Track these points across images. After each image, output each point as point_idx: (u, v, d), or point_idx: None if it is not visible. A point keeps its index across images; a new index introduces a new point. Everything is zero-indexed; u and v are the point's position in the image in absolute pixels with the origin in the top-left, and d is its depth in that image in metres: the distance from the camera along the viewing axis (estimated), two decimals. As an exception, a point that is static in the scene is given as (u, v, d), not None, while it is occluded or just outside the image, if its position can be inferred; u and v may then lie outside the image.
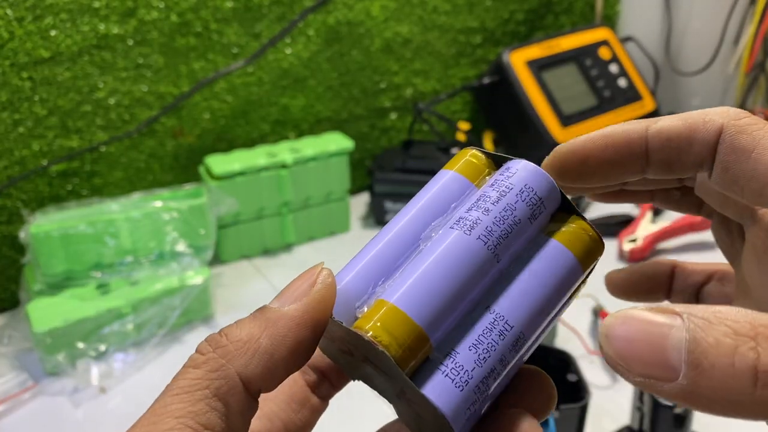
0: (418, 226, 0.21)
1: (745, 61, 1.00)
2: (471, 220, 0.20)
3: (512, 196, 0.20)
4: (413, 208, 0.21)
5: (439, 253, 0.20)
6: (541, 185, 0.21)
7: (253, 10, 0.74)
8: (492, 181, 0.21)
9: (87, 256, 0.61)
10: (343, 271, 0.21)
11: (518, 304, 0.20)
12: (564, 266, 0.20)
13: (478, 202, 0.20)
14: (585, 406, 0.44)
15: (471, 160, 0.22)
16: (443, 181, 0.22)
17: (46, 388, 0.57)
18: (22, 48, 0.63)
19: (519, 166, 0.21)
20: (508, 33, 0.95)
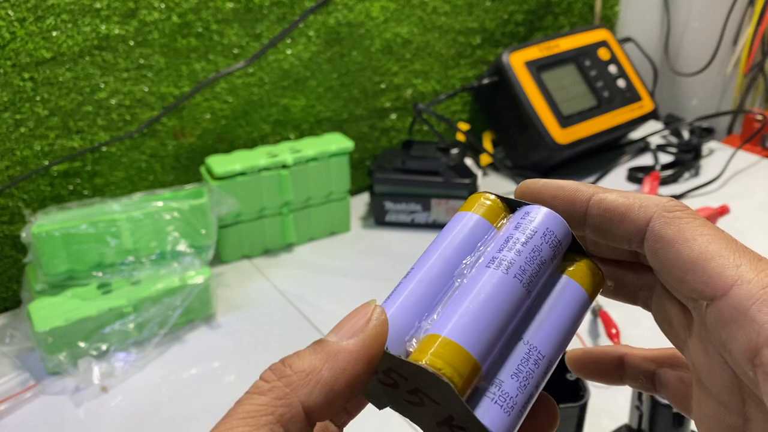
0: (451, 264, 0.23)
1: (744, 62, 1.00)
2: (506, 260, 0.22)
3: (538, 239, 0.23)
4: (441, 247, 0.23)
5: (483, 289, 0.21)
6: (559, 229, 0.23)
7: (254, 11, 0.74)
8: (515, 224, 0.23)
9: (88, 256, 0.61)
10: (387, 303, 0.22)
11: (547, 335, 0.22)
12: (579, 301, 0.23)
13: (508, 243, 0.23)
14: (584, 405, 0.44)
15: (489, 204, 0.24)
16: (467, 223, 0.24)
17: (47, 388, 0.57)
18: (23, 48, 0.63)
19: (538, 211, 0.23)
20: (508, 34, 0.95)
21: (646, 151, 0.95)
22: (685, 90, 1.08)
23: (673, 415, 0.44)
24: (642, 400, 0.45)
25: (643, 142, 0.95)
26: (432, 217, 0.79)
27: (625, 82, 0.93)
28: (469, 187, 0.77)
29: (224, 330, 0.64)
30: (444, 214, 0.79)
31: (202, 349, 0.62)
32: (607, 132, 0.89)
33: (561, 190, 0.24)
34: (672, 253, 0.21)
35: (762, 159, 0.93)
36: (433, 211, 0.79)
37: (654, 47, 1.08)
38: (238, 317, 0.66)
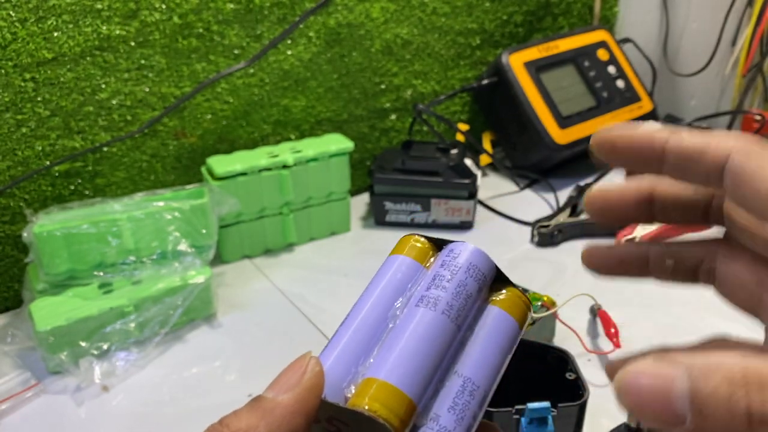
0: (383, 308, 0.24)
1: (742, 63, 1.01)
2: (433, 297, 0.23)
3: (462, 274, 0.24)
4: (375, 292, 0.24)
5: (413, 330, 0.22)
6: (482, 262, 0.24)
7: (255, 12, 0.74)
8: (441, 262, 0.24)
9: (90, 255, 0.61)
10: (323, 355, 0.23)
11: (480, 366, 0.23)
12: (508, 329, 0.24)
13: (434, 281, 0.24)
14: (583, 404, 0.44)
15: (417, 245, 0.26)
16: (397, 265, 0.25)
17: (48, 387, 0.57)
18: (24, 49, 0.63)
19: (462, 247, 0.25)
20: (507, 35, 0.96)
21: (645, 151, 0.95)
22: (683, 90, 1.09)
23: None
24: (641, 399, 0.46)
25: (642, 143, 0.96)
26: (432, 217, 0.79)
27: (624, 83, 0.93)
28: (468, 187, 0.77)
29: (225, 329, 0.64)
30: (444, 214, 0.79)
31: (203, 348, 0.62)
32: (606, 132, 0.89)
33: (635, 140, 0.23)
34: (753, 186, 0.20)
35: (760, 159, 0.93)
36: (433, 211, 0.79)
37: (653, 48, 1.08)
38: (238, 317, 0.66)
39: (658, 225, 0.74)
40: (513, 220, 0.81)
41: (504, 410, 0.43)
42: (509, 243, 0.77)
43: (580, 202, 0.81)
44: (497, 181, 0.91)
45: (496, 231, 0.79)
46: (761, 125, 0.95)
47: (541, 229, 0.76)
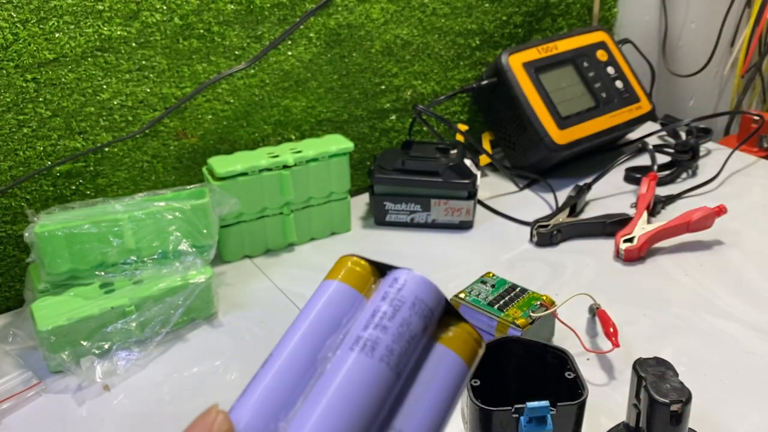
0: (312, 346, 0.20)
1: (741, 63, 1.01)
2: (371, 340, 0.19)
3: (406, 311, 0.20)
4: (303, 326, 0.21)
5: (343, 381, 0.19)
6: (430, 295, 0.21)
7: (255, 13, 0.75)
8: (382, 294, 0.21)
9: (91, 255, 0.61)
10: (238, 406, 0.19)
11: (422, 418, 0.19)
12: (456, 371, 0.21)
13: (373, 318, 0.20)
14: (582, 403, 0.45)
15: (355, 269, 0.22)
16: (331, 294, 0.21)
17: (50, 386, 0.58)
18: (26, 50, 0.63)
19: (407, 277, 0.21)
20: (507, 35, 0.96)
21: (643, 151, 0.96)
22: (682, 91, 1.09)
23: (671, 413, 0.44)
24: (640, 399, 0.46)
25: (641, 143, 0.96)
26: (432, 217, 0.80)
27: (623, 83, 0.93)
28: (468, 187, 0.77)
29: (226, 329, 0.64)
30: (443, 214, 0.79)
31: (204, 347, 0.62)
32: (605, 133, 0.89)
33: None
34: None
35: (759, 159, 0.94)
36: (433, 211, 0.79)
37: (651, 49, 1.08)
38: (239, 316, 0.66)
39: (656, 225, 0.74)
40: (512, 220, 0.81)
41: (503, 409, 0.43)
42: (508, 243, 0.77)
43: (579, 202, 0.82)
44: (496, 181, 0.91)
45: (495, 231, 0.80)
46: (760, 125, 0.96)
47: (540, 229, 0.76)
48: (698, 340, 0.60)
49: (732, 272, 0.70)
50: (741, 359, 0.58)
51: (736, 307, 0.65)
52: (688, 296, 0.67)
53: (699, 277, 0.69)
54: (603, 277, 0.70)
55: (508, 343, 0.50)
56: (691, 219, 0.73)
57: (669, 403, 0.43)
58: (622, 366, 0.57)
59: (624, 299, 0.66)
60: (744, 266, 0.71)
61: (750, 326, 0.62)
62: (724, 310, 0.64)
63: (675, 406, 0.43)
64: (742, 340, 0.60)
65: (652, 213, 0.80)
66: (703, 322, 0.63)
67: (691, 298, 0.66)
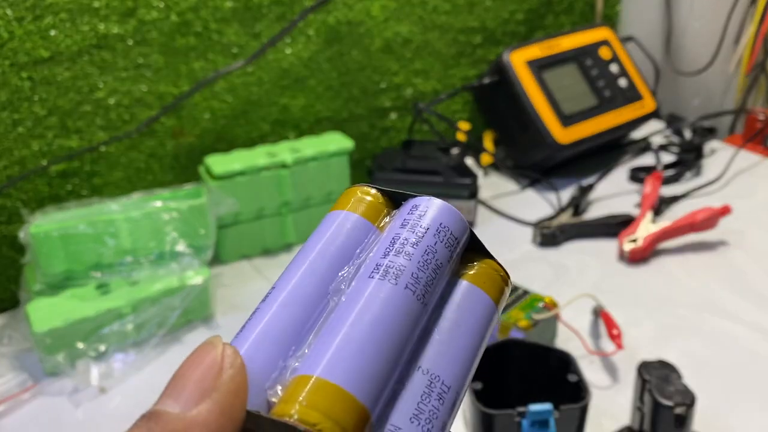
0: (323, 277, 0.18)
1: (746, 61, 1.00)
2: (394, 267, 0.17)
3: (430, 238, 0.18)
4: (310, 256, 0.19)
5: (365, 308, 0.17)
6: (455, 223, 0.19)
7: (253, 10, 0.74)
8: (401, 221, 0.19)
9: (87, 256, 0.60)
10: (238, 340, 0.17)
11: (450, 359, 0.18)
12: (484, 310, 0.19)
13: (394, 245, 0.18)
14: (585, 406, 0.44)
15: (367, 198, 0.20)
16: (341, 223, 0.19)
17: (45, 389, 0.57)
18: (21, 48, 0.63)
19: (430, 204, 0.19)
20: (508, 33, 0.95)
21: (647, 150, 0.95)
22: (686, 89, 1.08)
23: (675, 416, 0.43)
24: (644, 401, 0.45)
25: (645, 142, 0.95)
26: (432, 217, 0.79)
27: (627, 82, 0.92)
28: (469, 187, 0.77)
29: (223, 330, 0.64)
30: (444, 214, 0.78)
31: (201, 349, 0.61)
32: (609, 131, 0.89)
33: None
34: None
35: (764, 159, 0.93)
36: (434, 211, 0.78)
37: (656, 46, 1.07)
38: (237, 318, 0.65)
39: (660, 225, 0.73)
40: (514, 221, 0.80)
41: (506, 412, 0.42)
42: (510, 243, 0.76)
43: (582, 202, 0.81)
44: (498, 180, 0.90)
45: (497, 231, 0.79)
46: (765, 124, 0.95)
47: (543, 230, 0.75)
48: (703, 342, 0.60)
49: (737, 273, 0.69)
50: (746, 361, 0.57)
51: (741, 309, 0.64)
52: (693, 297, 0.66)
53: (704, 278, 0.68)
54: (606, 278, 0.69)
55: (511, 345, 0.50)
56: (695, 219, 0.72)
57: (673, 406, 0.43)
58: (625, 368, 0.56)
59: (628, 300, 0.65)
60: (749, 267, 0.70)
61: (756, 328, 0.61)
62: (730, 311, 0.64)
63: (679, 409, 0.43)
64: (748, 342, 0.59)
65: (657, 213, 0.79)
66: (707, 323, 0.62)
67: (696, 300, 0.66)
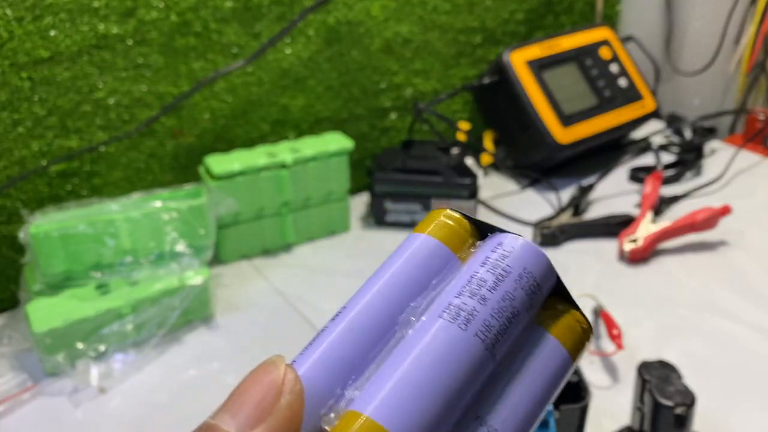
0: (393, 306, 0.17)
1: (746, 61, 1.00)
2: (466, 310, 0.17)
3: (511, 283, 0.18)
4: (384, 279, 0.18)
5: (428, 351, 0.16)
6: (540, 269, 0.18)
7: (253, 10, 0.74)
8: (482, 258, 0.18)
9: (86, 256, 0.60)
10: (300, 362, 0.17)
11: (514, 414, 0.17)
12: (559, 365, 0.18)
13: (470, 285, 0.17)
14: (585, 406, 0.44)
15: (450, 224, 0.19)
16: (419, 248, 0.18)
17: (45, 389, 0.57)
18: (21, 48, 0.63)
19: (515, 243, 0.18)
20: (509, 33, 0.95)
21: (647, 150, 0.95)
22: (687, 89, 1.08)
23: (675, 416, 0.43)
24: (644, 402, 0.45)
25: (645, 142, 0.95)
26: (432, 217, 0.79)
27: (627, 81, 0.92)
28: (469, 187, 0.77)
29: (223, 331, 0.64)
30: (444, 214, 0.78)
31: (201, 349, 0.61)
32: (609, 131, 0.89)
33: None
34: None
35: (764, 158, 0.93)
36: (434, 211, 0.78)
37: (656, 46, 1.07)
38: (237, 318, 0.65)
39: (660, 225, 0.73)
40: (515, 221, 0.80)
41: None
42: (510, 243, 0.76)
43: (582, 202, 0.81)
44: (498, 180, 0.90)
45: (497, 231, 0.79)
46: (765, 124, 0.95)
47: (543, 230, 0.75)
48: (703, 342, 0.60)
49: (737, 273, 0.69)
50: (747, 361, 0.57)
51: (741, 309, 0.64)
52: (693, 297, 0.66)
53: (704, 278, 0.68)
54: (607, 278, 0.69)
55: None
56: (695, 219, 0.72)
57: (673, 406, 0.43)
58: (626, 368, 0.56)
59: (628, 301, 0.65)
60: (749, 267, 0.70)
61: (756, 328, 0.61)
62: (730, 311, 0.64)
63: (679, 409, 0.43)
64: (748, 342, 0.59)
65: (657, 213, 0.79)
66: (708, 323, 0.62)
67: (696, 300, 0.65)
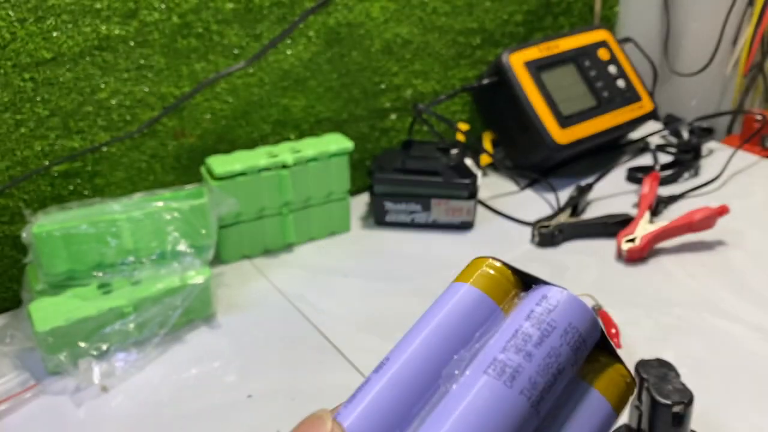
0: (437, 358, 0.17)
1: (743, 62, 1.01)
2: (511, 366, 0.17)
3: (556, 339, 0.17)
4: (427, 330, 0.18)
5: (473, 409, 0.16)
6: (585, 324, 0.18)
7: (254, 12, 0.74)
8: (527, 312, 0.18)
9: (89, 256, 0.61)
10: (345, 414, 0.17)
11: None
12: (603, 419, 0.18)
13: (515, 340, 0.17)
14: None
15: (494, 275, 0.19)
16: (461, 298, 0.18)
17: (47, 388, 0.57)
18: (24, 49, 0.63)
19: (560, 297, 0.18)
20: (507, 34, 0.95)
21: (645, 151, 0.95)
22: (684, 90, 1.08)
23: (673, 414, 0.44)
24: (642, 400, 0.45)
25: (643, 143, 0.96)
26: (432, 217, 0.79)
27: (625, 83, 0.93)
28: (469, 187, 0.77)
29: (224, 330, 0.64)
30: (444, 214, 0.79)
31: (203, 349, 0.62)
32: (607, 132, 0.89)
33: None
34: None
35: (761, 159, 0.93)
36: (433, 211, 0.79)
37: (653, 47, 1.08)
38: (238, 317, 0.66)
39: (658, 225, 0.73)
40: (513, 220, 0.81)
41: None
42: (509, 243, 0.76)
43: (580, 202, 0.81)
44: (497, 181, 0.90)
45: (496, 231, 0.79)
46: (762, 125, 0.95)
47: (542, 229, 0.75)
48: (701, 341, 0.60)
49: (735, 273, 0.70)
50: (744, 360, 0.58)
51: (739, 308, 0.64)
52: (691, 297, 0.66)
53: (701, 278, 0.69)
54: (605, 277, 0.69)
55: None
56: (693, 219, 0.72)
57: (671, 405, 0.43)
58: (623, 367, 0.56)
59: (626, 300, 0.65)
60: (747, 266, 0.71)
61: (753, 327, 0.62)
62: (727, 310, 0.64)
63: (677, 407, 0.43)
64: (745, 341, 0.60)
65: (654, 213, 0.79)
66: (705, 322, 0.62)
67: (694, 299, 0.66)
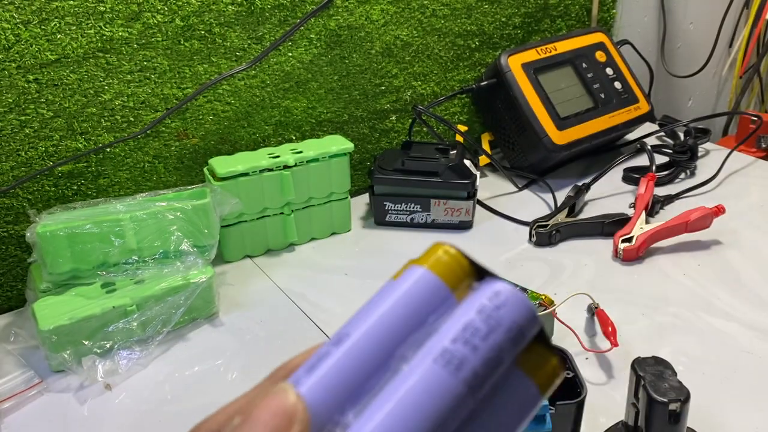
0: (392, 338, 0.19)
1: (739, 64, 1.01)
2: (458, 357, 0.18)
3: (501, 334, 0.19)
4: (385, 311, 0.19)
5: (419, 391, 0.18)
6: (528, 321, 0.19)
7: (256, 14, 0.75)
8: (478, 306, 0.19)
9: (92, 255, 0.61)
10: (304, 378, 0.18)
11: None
12: (530, 401, 0.19)
13: (464, 333, 0.18)
14: (581, 402, 0.45)
15: (449, 261, 0.20)
16: (417, 281, 0.19)
17: (52, 385, 0.58)
18: (28, 51, 0.64)
19: (509, 295, 0.19)
20: (506, 36, 0.96)
21: (642, 152, 0.96)
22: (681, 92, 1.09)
23: (669, 412, 0.44)
24: (638, 398, 0.46)
25: (639, 143, 0.96)
26: (431, 217, 0.80)
27: (622, 84, 0.93)
28: (467, 187, 0.78)
29: (227, 328, 0.65)
30: (443, 214, 0.80)
31: (205, 347, 0.62)
32: (604, 133, 0.90)
33: None
34: None
35: (757, 160, 0.94)
36: (433, 211, 0.80)
37: (650, 50, 1.09)
38: (240, 316, 0.66)
39: (654, 225, 0.74)
40: (511, 220, 0.81)
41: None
42: (507, 243, 0.77)
43: (578, 203, 0.82)
44: (496, 181, 0.91)
45: (494, 231, 0.80)
46: (758, 126, 0.96)
47: (540, 229, 0.76)
48: (697, 340, 0.61)
49: (730, 272, 0.70)
50: (739, 358, 0.58)
51: (734, 307, 0.65)
52: (687, 296, 0.67)
53: (697, 277, 0.70)
54: (602, 276, 0.70)
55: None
56: (689, 219, 0.73)
57: (667, 402, 0.44)
58: (620, 365, 0.57)
59: (622, 299, 0.66)
60: (742, 266, 0.71)
61: (748, 325, 0.62)
62: (723, 309, 0.65)
63: (673, 405, 0.44)
64: (741, 340, 0.61)
65: (651, 213, 0.80)
66: (701, 321, 0.63)
67: (690, 298, 0.67)
